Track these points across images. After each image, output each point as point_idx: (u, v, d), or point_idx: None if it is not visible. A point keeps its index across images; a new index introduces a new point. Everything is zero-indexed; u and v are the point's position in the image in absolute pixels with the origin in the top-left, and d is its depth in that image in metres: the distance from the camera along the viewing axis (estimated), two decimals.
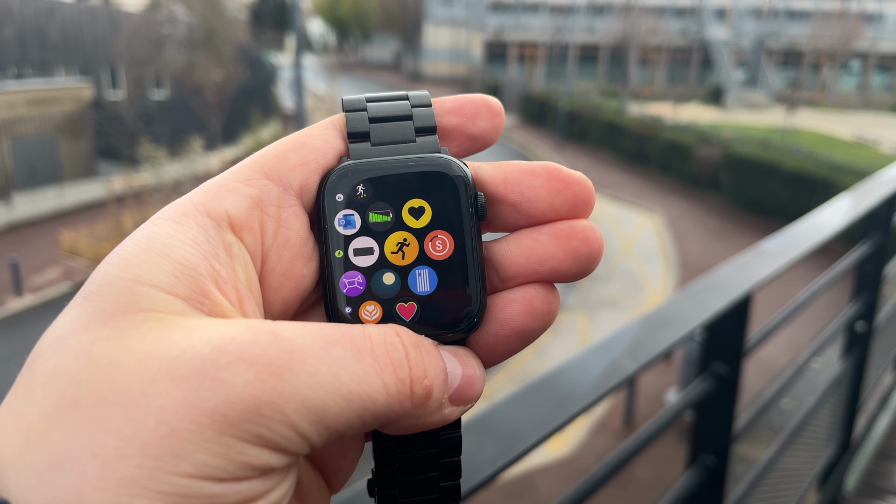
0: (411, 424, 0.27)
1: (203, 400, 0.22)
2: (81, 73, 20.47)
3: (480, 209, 0.31)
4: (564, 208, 0.31)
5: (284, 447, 0.24)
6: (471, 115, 0.33)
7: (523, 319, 0.31)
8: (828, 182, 14.32)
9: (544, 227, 0.31)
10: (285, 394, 0.23)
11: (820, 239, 1.72)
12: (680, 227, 15.30)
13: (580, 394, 0.95)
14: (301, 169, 0.30)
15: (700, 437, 1.51)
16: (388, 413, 0.26)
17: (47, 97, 17.51)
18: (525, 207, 0.31)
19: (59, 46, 20.22)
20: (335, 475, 0.32)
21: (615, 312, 10.79)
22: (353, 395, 0.25)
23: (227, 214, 0.28)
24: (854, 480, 2.96)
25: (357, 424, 0.25)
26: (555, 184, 0.31)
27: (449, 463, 0.31)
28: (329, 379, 0.24)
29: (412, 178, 0.31)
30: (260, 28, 35.00)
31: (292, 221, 0.30)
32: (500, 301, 0.31)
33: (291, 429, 0.24)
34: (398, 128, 0.32)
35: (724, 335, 1.44)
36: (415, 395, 0.26)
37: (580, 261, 0.30)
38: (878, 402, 3.21)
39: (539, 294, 0.31)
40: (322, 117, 4.27)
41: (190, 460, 0.22)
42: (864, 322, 2.55)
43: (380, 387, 0.25)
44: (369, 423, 0.26)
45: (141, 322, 0.24)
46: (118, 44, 19.88)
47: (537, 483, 6.86)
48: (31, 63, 19.68)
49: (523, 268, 0.31)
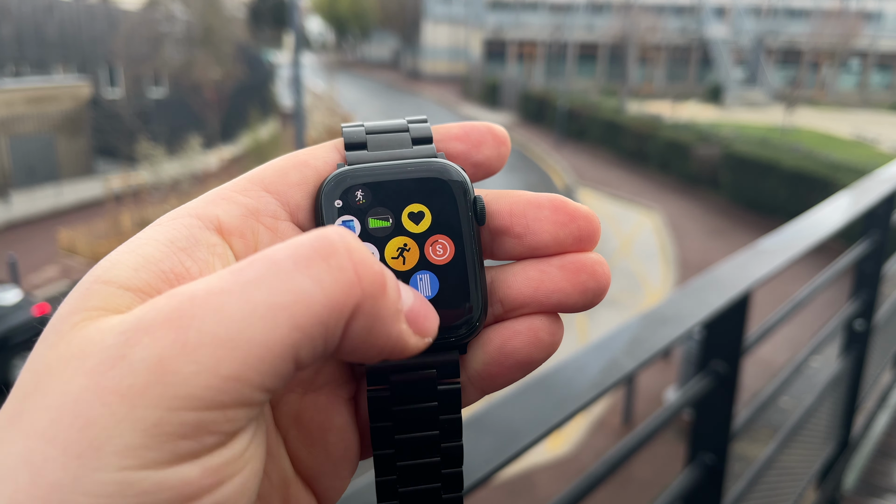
0: (374, 326, 0.25)
1: (109, 379, 0.21)
2: (79, 71, 20.44)
3: (480, 213, 0.30)
4: (569, 241, 0.30)
5: (219, 400, 0.22)
6: (476, 142, 0.33)
7: (528, 351, 0.30)
8: (827, 180, 14.32)
9: (553, 259, 0.31)
10: (190, 342, 0.21)
11: (819, 237, 1.72)
12: (679, 225, 15.31)
13: (579, 392, 0.95)
14: (300, 188, 0.30)
15: (699, 436, 1.51)
16: (337, 306, 0.23)
17: (45, 95, 17.48)
18: (529, 240, 0.31)
19: (57, 44, 20.19)
20: (326, 494, 0.31)
21: (614, 311, 10.79)
22: (277, 307, 0.22)
23: (218, 219, 0.28)
24: (853, 479, 2.97)
25: (305, 339, 0.23)
26: (560, 217, 0.31)
27: (450, 473, 0.31)
28: (241, 305, 0.22)
29: (411, 182, 0.30)
30: (258, 26, 34.96)
31: (289, 233, 0.30)
32: (505, 332, 0.31)
33: (213, 375, 0.21)
34: (394, 138, 0.32)
35: (722, 333, 1.44)
36: (363, 280, 0.24)
37: (587, 295, 0.30)
38: (876, 401, 3.22)
39: (544, 326, 0.31)
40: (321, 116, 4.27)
41: (110, 448, 0.21)
42: (862, 320, 2.55)
43: (308, 284, 0.23)
44: (319, 330, 0.23)
45: (77, 322, 0.23)
46: (116, 42, 19.86)
47: (535, 482, 6.87)
48: (29, 61, 19.65)
49: (529, 299, 0.31)
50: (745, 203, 16.40)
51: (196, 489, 0.22)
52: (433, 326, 0.28)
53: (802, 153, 16.16)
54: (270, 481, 0.29)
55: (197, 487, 0.22)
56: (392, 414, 0.30)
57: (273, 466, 0.29)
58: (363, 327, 0.24)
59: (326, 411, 0.30)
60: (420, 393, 0.30)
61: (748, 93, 32.83)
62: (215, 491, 0.22)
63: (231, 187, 0.29)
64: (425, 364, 0.30)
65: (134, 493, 0.21)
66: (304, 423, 0.30)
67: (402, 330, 0.26)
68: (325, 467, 0.30)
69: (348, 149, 0.31)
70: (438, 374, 0.30)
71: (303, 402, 0.30)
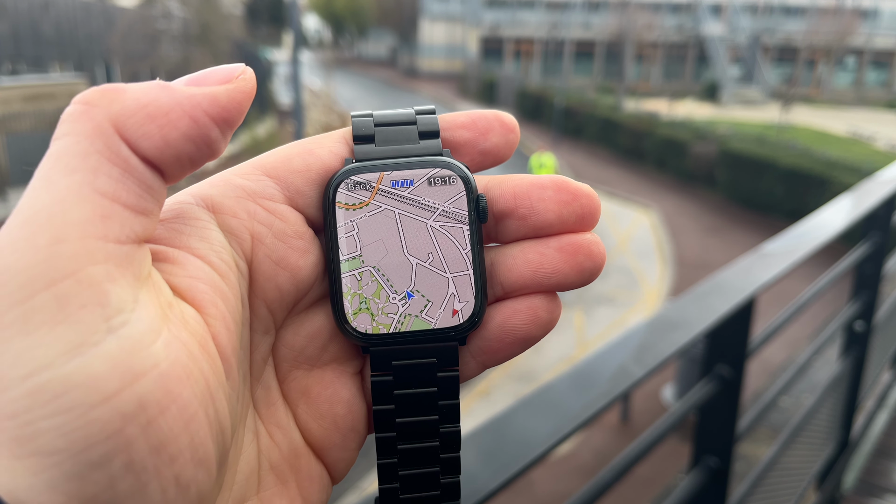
0: (147, 109, 0.26)
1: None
2: (76, 68, 20.37)
3: (482, 211, 0.31)
4: (572, 220, 0.32)
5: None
6: (483, 130, 0.33)
7: (527, 328, 0.32)
8: (823, 178, 14.34)
9: (550, 240, 0.32)
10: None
11: (821, 240, 1.73)
12: (676, 223, 15.32)
13: (588, 401, 0.95)
14: (302, 174, 0.31)
15: (703, 439, 1.52)
16: (95, 134, 0.25)
17: (42, 93, 17.41)
18: (534, 220, 0.32)
19: (53, 42, 20.11)
20: (336, 465, 0.32)
21: (611, 309, 10.80)
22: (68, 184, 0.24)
23: (211, 198, 0.29)
24: (852, 479, 2.98)
25: (103, 177, 0.24)
26: (564, 196, 0.32)
27: (448, 458, 0.32)
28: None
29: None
30: (256, 24, 34.88)
31: (288, 215, 0.30)
32: (505, 311, 0.32)
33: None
34: (402, 131, 0.33)
35: (727, 338, 1.45)
36: (91, 104, 0.26)
37: (584, 274, 0.31)
38: (876, 401, 3.23)
39: (543, 304, 0.32)
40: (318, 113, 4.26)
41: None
42: (862, 321, 2.56)
43: (61, 145, 0.25)
44: (107, 158, 0.25)
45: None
46: (113, 39, 19.79)
47: (534, 480, 6.88)
48: (26, 59, 19.57)
49: (529, 280, 0.32)
50: (741, 200, 16.42)
51: (106, 385, 0.22)
52: (221, 72, 0.28)
53: (799, 151, 16.18)
54: (281, 452, 0.31)
55: (106, 382, 0.22)
56: (394, 398, 0.31)
57: (283, 438, 0.31)
58: (137, 122, 0.25)
59: (334, 386, 0.32)
60: (421, 378, 0.32)
61: (744, 90, 32.85)
62: (133, 385, 0.22)
63: (233, 170, 0.31)
64: (426, 351, 0.32)
65: (46, 399, 0.21)
66: (313, 398, 0.32)
67: (186, 90, 0.27)
68: (334, 439, 0.32)
69: (356, 141, 0.32)
70: (438, 361, 0.32)
71: (310, 377, 0.32)
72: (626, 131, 21.03)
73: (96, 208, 0.24)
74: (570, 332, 10.06)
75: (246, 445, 0.30)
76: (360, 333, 0.31)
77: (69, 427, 0.21)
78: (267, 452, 0.31)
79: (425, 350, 0.32)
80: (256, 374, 0.31)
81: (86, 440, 0.21)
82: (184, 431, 0.23)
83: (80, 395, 0.21)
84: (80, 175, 0.24)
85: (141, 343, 0.23)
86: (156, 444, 0.23)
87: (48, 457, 0.21)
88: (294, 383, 0.32)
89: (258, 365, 0.31)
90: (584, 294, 11.27)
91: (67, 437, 0.21)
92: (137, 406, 0.22)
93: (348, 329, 0.31)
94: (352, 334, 0.31)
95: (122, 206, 0.25)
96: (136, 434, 0.22)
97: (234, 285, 0.29)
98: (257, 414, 0.31)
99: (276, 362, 0.32)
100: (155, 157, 0.26)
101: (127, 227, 0.24)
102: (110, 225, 0.24)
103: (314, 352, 0.32)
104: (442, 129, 0.33)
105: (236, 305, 0.29)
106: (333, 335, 0.32)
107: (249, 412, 0.30)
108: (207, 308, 0.27)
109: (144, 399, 0.22)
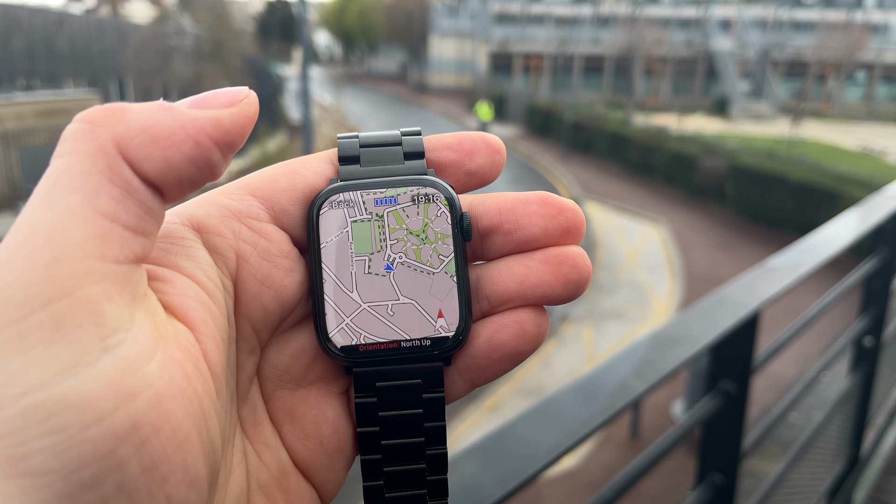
0: (151, 130, 0.26)
1: None
2: (90, 84, 20.60)
3: (466, 230, 0.31)
4: (557, 234, 0.32)
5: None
6: (469, 151, 0.33)
7: (515, 343, 0.32)
8: (834, 193, 14.27)
9: (535, 253, 0.32)
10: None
11: (827, 255, 1.72)
12: (685, 237, 15.26)
13: (589, 415, 0.95)
14: (287, 194, 0.31)
15: (708, 456, 1.51)
16: (98, 153, 0.25)
17: (56, 108, 17.60)
18: (519, 235, 0.32)
19: (67, 58, 20.36)
20: (324, 486, 0.32)
21: (621, 324, 10.75)
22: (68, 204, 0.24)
23: (196, 217, 0.30)
24: (863, 496, 2.94)
25: (105, 191, 0.25)
26: (548, 210, 0.32)
27: (436, 480, 0.32)
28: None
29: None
30: (267, 39, 35.18)
31: (273, 234, 0.31)
32: (492, 326, 0.32)
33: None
34: (387, 152, 0.33)
35: (731, 353, 1.44)
36: (95, 123, 0.26)
37: (570, 286, 0.31)
38: (886, 417, 3.20)
39: (530, 318, 0.32)
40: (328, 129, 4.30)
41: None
42: (871, 337, 2.54)
43: (62, 164, 0.25)
44: (111, 179, 0.25)
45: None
46: (126, 55, 20.01)
47: (543, 495, 6.83)
48: (40, 75, 19.81)
49: (515, 293, 0.32)
50: (751, 215, 16.35)
51: (101, 403, 0.22)
52: (225, 96, 0.28)
53: (809, 165, 16.11)
54: (269, 471, 0.31)
55: (101, 401, 0.22)
56: (378, 419, 0.31)
57: (271, 457, 0.31)
58: (140, 144, 0.26)
59: (319, 406, 0.32)
60: (405, 400, 0.31)
61: (754, 105, 32.80)
62: (127, 404, 0.22)
63: (218, 190, 0.31)
64: (411, 372, 0.31)
65: (40, 418, 0.21)
66: (298, 418, 0.31)
67: (189, 112, 0.27)
68: (321, 459, 0.32)
69: (342, 162, 0.32)
70: (424, 382, 0.31)
71: (294, 396, 0.32)
72: (636, 146, 21.02)
73: (96, 228, 0.24)
74: (579, 347, 10.01)
75: (235, 465, 0.30)
76: (341, 351, 0.31)
77: (62, 447, 0.21)
78: (255, 472, 0.31)
79: (410, 371, 0.31)
80: (242, 393, 0.31)
81: (79, 460, 0.21)
82: (177, 452, 0.23)
83: (73, 415, 0.21)
84: (82, 195, 0.24)
85: (136, 363, 0.23)
86: (148, 465, 0.23)
87: (40, 477, 0.21)
88: (279, 403, 0.32)
89: (244, 384, 0.31)
90: (594, 309, 11.23)
91: (60, 458, 0.21)
92: (131, 426, 0.22)
93: (330, 348, 0.31)
94: (333, 353, 0.31)
95: (122, 226, 0.25)
96: (128, 454, 0.22)
97: (221, 304, 0.29)
98: (244, 434, 0.31)
99: (261, 382, 0.32)
100: (156, 178, 0.26)
101: (126, 247, 0.24)
102: (110, 245, 0.24)
103: (299, 371, 0.32)
104: (427, 149, 0.33)
105: (224, 324, 0.29)
106: (318, 354, 0.32)
107: (237, 432, 0.31)
108: (198, 326, 0.27)
109: (138, 419, 0.22)
